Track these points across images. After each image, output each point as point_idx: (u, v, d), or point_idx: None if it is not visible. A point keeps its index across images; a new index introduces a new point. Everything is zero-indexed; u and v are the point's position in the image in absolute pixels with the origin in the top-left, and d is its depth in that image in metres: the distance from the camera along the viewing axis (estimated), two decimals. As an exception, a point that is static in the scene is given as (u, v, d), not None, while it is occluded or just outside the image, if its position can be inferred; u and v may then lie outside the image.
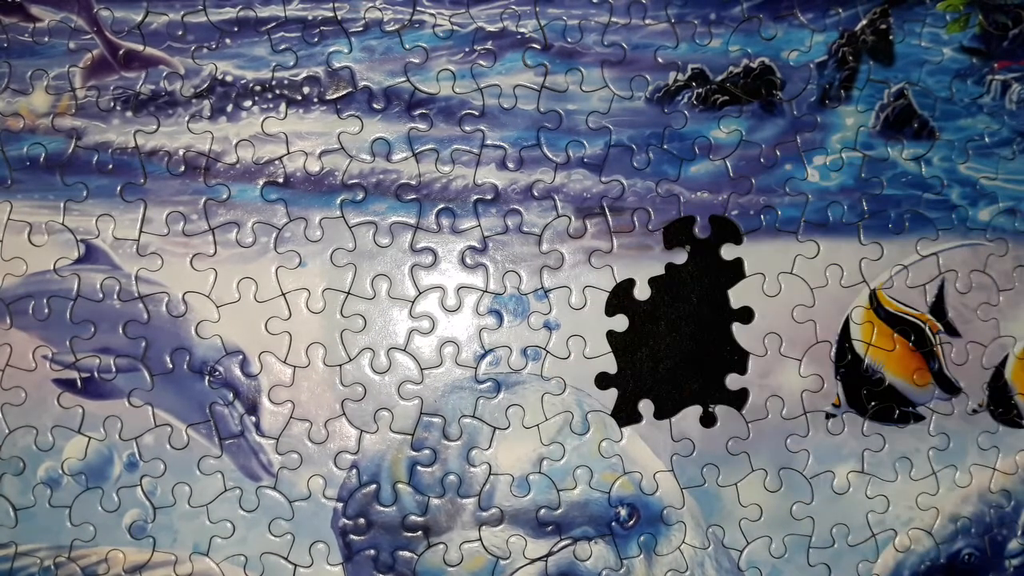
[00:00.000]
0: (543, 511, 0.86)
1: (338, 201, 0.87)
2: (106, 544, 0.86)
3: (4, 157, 0.87)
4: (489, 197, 0.88)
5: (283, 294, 0.87)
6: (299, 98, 0.88)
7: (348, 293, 0.87)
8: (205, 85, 0.88)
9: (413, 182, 0.88)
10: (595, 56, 0.89)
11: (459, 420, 0.87)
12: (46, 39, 0.88)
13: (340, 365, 0.87)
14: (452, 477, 0.86)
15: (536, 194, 0.88)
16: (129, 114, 0.88)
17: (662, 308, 0.88)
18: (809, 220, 0.89)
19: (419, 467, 0.86)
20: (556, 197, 0.88)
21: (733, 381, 0.88)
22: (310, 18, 0.88)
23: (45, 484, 0.86)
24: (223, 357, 0.86)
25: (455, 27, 0.89)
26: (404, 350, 0.87)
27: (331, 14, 0.88)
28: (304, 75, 0.88)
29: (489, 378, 0.87)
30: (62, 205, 0.87)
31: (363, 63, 0.88)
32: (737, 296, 0.89)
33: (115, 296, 0.86)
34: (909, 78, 0.91)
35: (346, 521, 0.86)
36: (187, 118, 0.88)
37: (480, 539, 0.86)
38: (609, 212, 0.88)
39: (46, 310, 0.86)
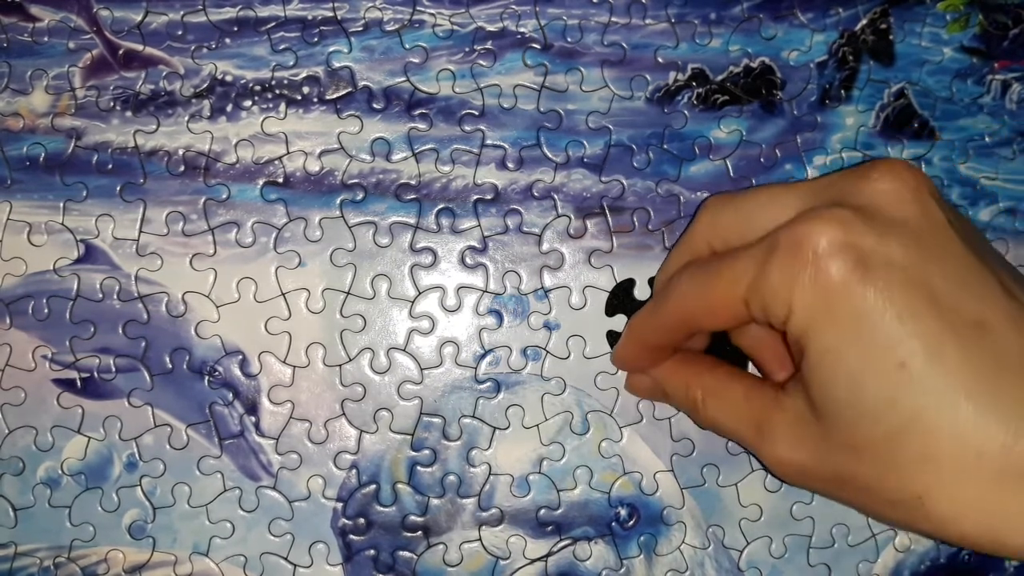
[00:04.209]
0: (543, 511, 0.86)
1: (338, 201, 0.87)
2: (106, 544, 0.86)
3: (3, 157, 0.87)
4: (489, 197, 0.88)
5: (283, 294, 0.87)
6: (299, 98, 0.88)
7: (348, 293, 0.87)
8: (205, 85, 0.88)
9: (413, 182, 0.88)
10: (595, 56, 0.89)
11: (459, 420, 0.87)
12: (45, 39, 0.88)
13: (340, 365, 0.87)
14: (452, 477, 0.86)
15: (536, 194, 0.88)
16: (129, 114, 0.88)
17: (662, 308, 0.88)
18: (809, 220, 0.89)
19: (419, 467, 0.86)
20: (556, 197, 0.88)
21: (733, 381, 0.88)
22: (310, 18, 0.88)
23: (44, 484, 0.86)
24: (223, 357, 0.86)
25: (455, 27, 0.89)
26: (404, 350, 0.87)
27: (331, 14, 0.88)
28: (304, 75, 0.88)
29: (489, 378, 0.87)
30: (62, 205, 0.87)
31: (363, 63, 0.88)
32: (737, 296, 0.89)
33: (115, 296, 0.86)
34: (909, 78, 0.91)
35: (346, 521, 0.86)
36: (187, 118, 0.87)
37: (480, 539, 0.86)
38: (609, 212, 0.88)
39: (46, 310, 0.86)
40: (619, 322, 0.88)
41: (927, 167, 0.91)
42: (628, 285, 0.89)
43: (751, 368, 0.89)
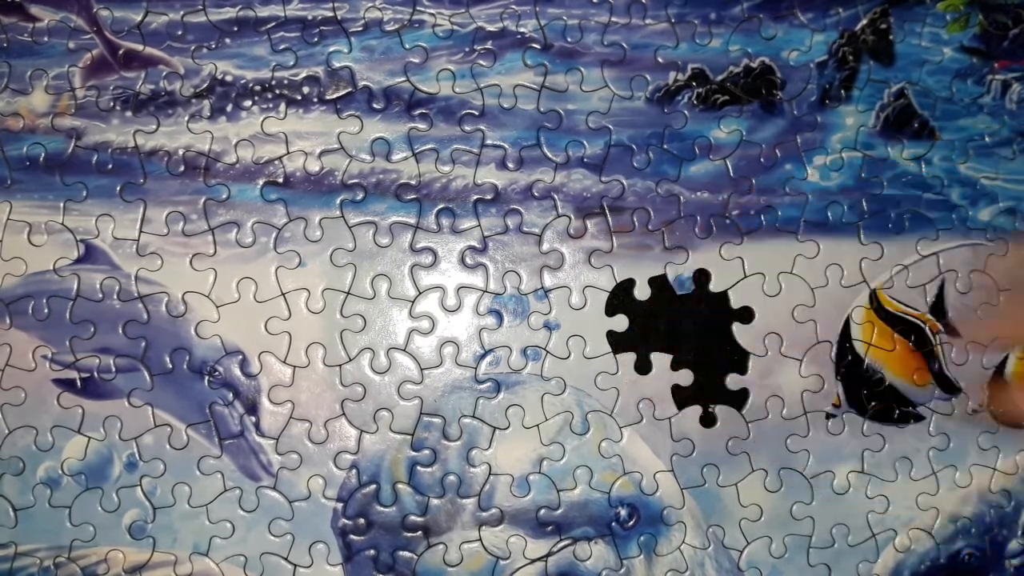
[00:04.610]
0: (543, 511, 0.86)
1: (338, 201, 0.87)
2: (106, 544, 0.86)
3: (4, 157, 0.87)
4: (489, 197, 0.88)
5: (283, 294, 0.87)
6: (299, 98, 0.88)
7: (348, 293, 0.87)
8: (205, 85, 0.88)
9: (413, 182, 0.88)
10: (595, 56, 0.89)
11: (459, 420, 0.87)
12: (46, 39, 0.88)
13: (340, 365, 0.87)
14: (452, 477, 0.86)
15: (536, 194, 0.88)
16: (129, 114, 0.88)
17: (662, 308, 0.88)
18: (809, 220, 0.89)
19: (419, 467, 0.86)
20: (556, 197, 0.88)
21: (733, 381, 0.88)
22: (310, 18, 0.88)
23: (45, 484, 0.86)
24: (223, 357, 0.86)
25: (455, 27, 0.89)
26: (404, 350, 0.87)
27: (331, 14, 0.88)
28: (304, 75, 0.88)
29: (489, 378, 0.87)
30: (62, 205, 0.87)
31: (363, 63, 0.88)
32: (737, 296, 0.89)
33: (115, 296, 0.86)
34: (909, 78, 0.91)
35: (346, 521, 0.86)
36: (187, 118, 0.88)
37: (480, 539, 0.86)
38: (609, 212, 0.88)
39: (46, 310, 0.86)
40: (619, 322, 0.88)
41: (927, 167, 0.91)
42: (628, 285, 0.89)
43: (752, 361, 0.89)
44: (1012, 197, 0.92)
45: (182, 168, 0.87)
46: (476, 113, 0.88)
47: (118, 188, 0.87)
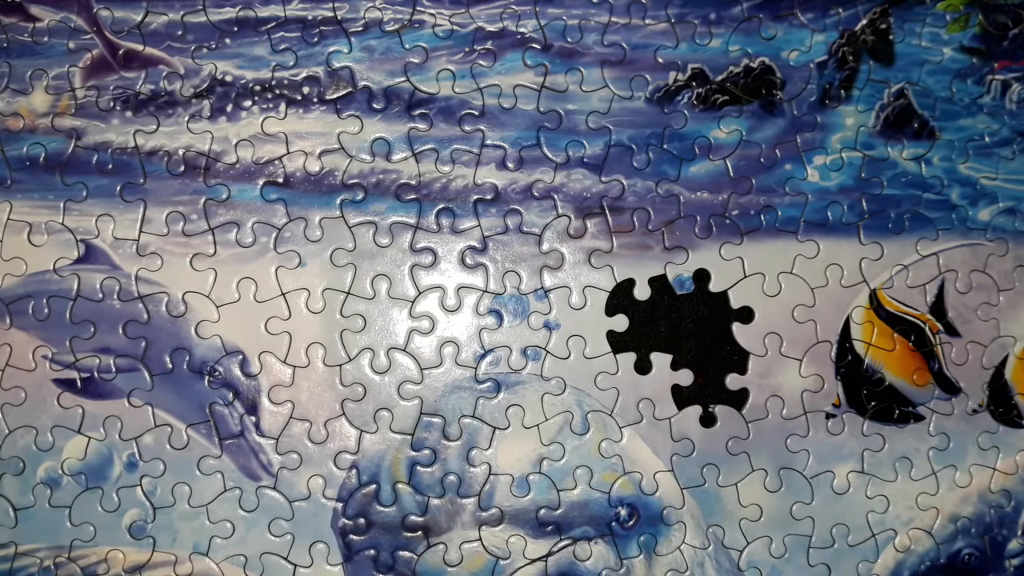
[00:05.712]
0: (543, 511, 0.86)
1: (338, 201, 0.87)
2: (106, 544, 0.86)
3: (4, 157, 0.87)
4: (489, 197, 0.88)
5: (283, 294, 0.87)
6: (299, 98, 0.88)
7: (348, 293, 0.87)
8: (205, 85, 0.88)
9: (413, 182, 0.88)
10: (595, 56, 0.89)
11: (459, 420, 0.87)
12: (46, 39, 0.88)
13: (340, 365, 0.87)
14: (452, 477, 0.86)
15: (536, 194, 0.88)
16: (129, 114, 0.88)
17: (662, 308, 0.88)
18: (809, 220, 0.89)
19: (419, 467, 0.86)
20: (556, 197, 0.88)
21: (733, 381, 0.89)
22: (310, 18, 0.88)
23: (45, 484, 0.86)
24: (223, 357, 0.86)
25: (455, 27, 0.89)
26: (404, 350, 0.87)
27: (331, 14, 0.88)
28: (304, 75, 0.88)
29: (489, 378, 0.87)
30: (62, 205, 0.87)
31: (363, 63, 0.88)
32: (737, 296, 0.89)
33: (115, 296, 0.86)
34: (909, 78, 0.91)
35: (346, 521, 0.86)
36: (187, 118, 0.88)
37: (480, 539, 0.86)
38: (609, 212, 0.88)
39: (46, 310, 0.86)
40: (619, 322, 0.88)
41: (927, 167, 0.91)
42: (628, 285, 0.89)
43: (752, 361, 0.89)
44: (1012, 197, 0.92)
45: (182, 168, 0.87)
46: (476, 113, 0.88)
47: (118, 188, 0.87)
